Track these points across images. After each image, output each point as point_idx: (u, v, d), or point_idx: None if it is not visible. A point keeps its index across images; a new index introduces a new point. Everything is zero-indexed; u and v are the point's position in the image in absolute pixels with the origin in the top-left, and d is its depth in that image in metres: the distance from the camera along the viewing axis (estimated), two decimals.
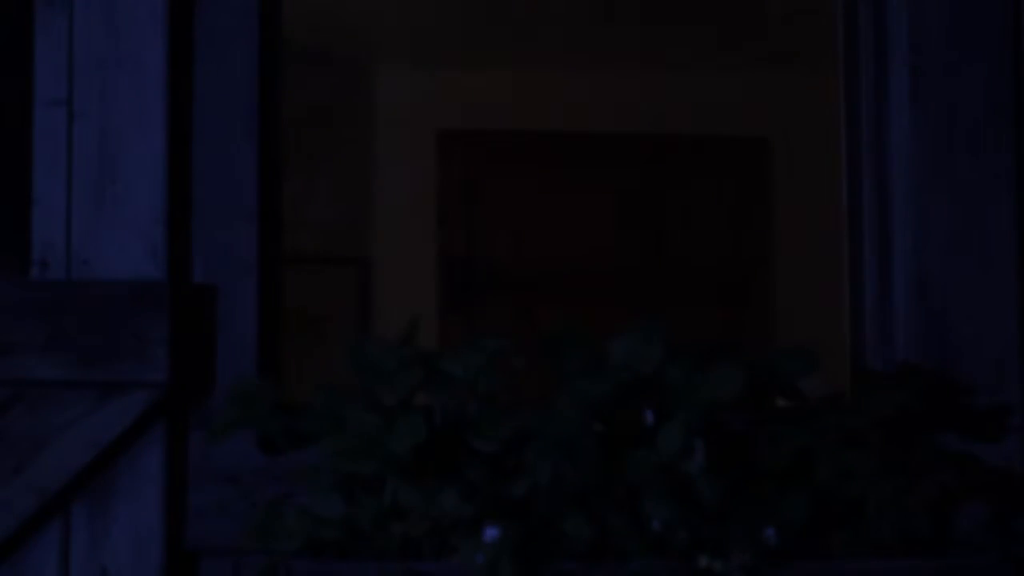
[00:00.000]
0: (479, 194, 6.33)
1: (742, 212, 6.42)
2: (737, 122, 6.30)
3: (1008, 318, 2.56)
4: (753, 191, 6.42)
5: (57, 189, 2.50)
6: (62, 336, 2.43)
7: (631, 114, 6.25)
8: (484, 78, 6.26)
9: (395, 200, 6.21)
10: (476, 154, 6.33)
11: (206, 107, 2.55)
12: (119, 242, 2.49)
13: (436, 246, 6.27)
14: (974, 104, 2.59)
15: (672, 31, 5.84)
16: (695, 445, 2.23)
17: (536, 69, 6.18)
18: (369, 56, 6.10)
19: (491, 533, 2.19)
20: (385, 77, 6.24)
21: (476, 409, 2.32)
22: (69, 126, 2.51)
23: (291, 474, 2.36)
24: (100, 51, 2.52)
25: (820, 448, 2.33)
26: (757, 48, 5.94)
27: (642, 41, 5.92)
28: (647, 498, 2.22)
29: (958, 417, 2.52)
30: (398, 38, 5.90)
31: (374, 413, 2.30)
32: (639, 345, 2.32)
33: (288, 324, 2.66)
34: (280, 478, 2.40)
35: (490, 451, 2.28)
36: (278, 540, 2.29)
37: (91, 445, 2.44)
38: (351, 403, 2.33)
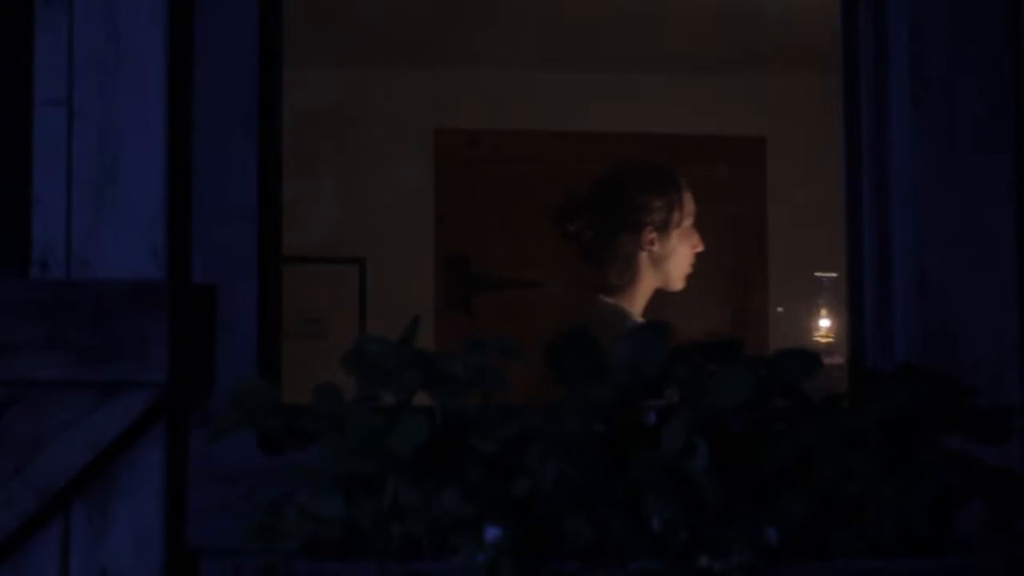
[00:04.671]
0: (479, 194, 6.33)
1: (740, 211, 6.42)
2: (736, 122, 6.30)
3: (1008, 318, 2.56)
4: (751, 191, 6.42)
5: (57, 189, 2.50)
6: (62, 336, 2.43)
7: (631, 114, 6.25)
8: (484, 78, 6.26)
9: (395, 200, 6.21)
10: (476, 154, 6.32)
11: (206, 107, 2.55)
12: (119, 242, 2.49)
13: (436, 246, 6.27)
14: (974, 104, 2.59)
15: (671, 31, 5.84)
16: (698, 445, 2.23)
17: (537, 69, 6.18)
18: (369, 56, 6.10)
19: (491, 533, 2.19)
20: (385, 77, 6.23)
21: (476, 409, 2.32)
22: (69, 126, 2.51)
23: (291, 474, 2.35)
24: (100, 51, 2.51)
25: (821, 448, 2.33)
26: (757, 48, 5.94)
27: (642, 41, 5.92)
28: (649, 497, 2.22)
29: (959, 418, 2.52)
30: (398, 37, 5.90)
31: (374, 413, 2.30)
32: (643, 346, 2.32)
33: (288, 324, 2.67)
34: (280, 478, 2.40)
35: (490, 451, 2.28)
36: (278, 540, 2.29)
37: (91, 445, 2.44)
38: (351, 403, 2.33)
